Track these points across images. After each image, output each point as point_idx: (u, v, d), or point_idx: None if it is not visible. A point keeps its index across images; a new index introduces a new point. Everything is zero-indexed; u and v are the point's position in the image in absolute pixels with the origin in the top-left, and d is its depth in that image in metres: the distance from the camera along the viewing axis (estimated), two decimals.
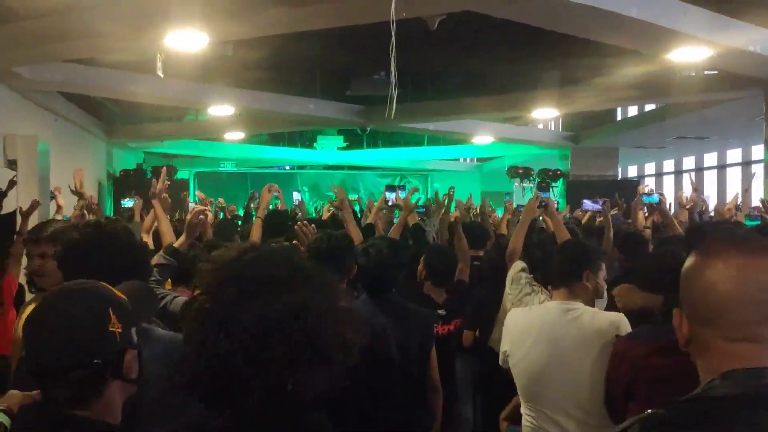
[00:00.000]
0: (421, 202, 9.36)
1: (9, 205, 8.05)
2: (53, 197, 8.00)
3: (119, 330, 1.85)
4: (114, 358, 1.85)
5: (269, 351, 1.51)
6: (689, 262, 1.65)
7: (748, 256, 1.58)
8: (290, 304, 1.54)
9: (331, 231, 4.09)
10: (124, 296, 1.98)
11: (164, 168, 5.75)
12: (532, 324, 3.64)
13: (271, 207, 6.72)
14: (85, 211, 7.07)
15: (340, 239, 3.78)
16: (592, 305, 3.72)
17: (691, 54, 8.40)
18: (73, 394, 1.83)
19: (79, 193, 6.53)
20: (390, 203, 9.53)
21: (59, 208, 7.64)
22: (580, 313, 3.57)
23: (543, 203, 5.55)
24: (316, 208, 17.30)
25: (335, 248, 3.67)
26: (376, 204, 8.32)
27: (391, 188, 10.67)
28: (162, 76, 8.65)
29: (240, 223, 9.60)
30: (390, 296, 3.92)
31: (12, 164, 9.28)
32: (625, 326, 3.46)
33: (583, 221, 8.85)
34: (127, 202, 12.01)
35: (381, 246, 3.96)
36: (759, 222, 7.69)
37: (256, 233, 5.31)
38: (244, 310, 1.52)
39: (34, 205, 6.48)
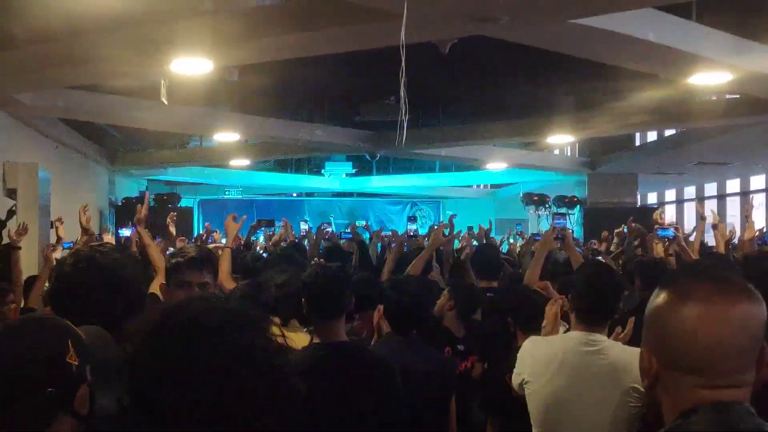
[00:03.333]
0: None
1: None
2: (54, 227, 8.03)
3: (75, 362, 1.88)
4: (67, 390, 1.87)
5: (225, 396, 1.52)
6: (662, 302, 1.59)
7: (732, 301, 1.54)
8: (236, 347, 1.54)
9: (324, 263, 4.08)
10: (78, 332, 2.00)
11: (146, 193, 5.79)
12: (555, 353, 3.62)
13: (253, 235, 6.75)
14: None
15: (335, 272, 3.74)
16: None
17: (711, 78, 8.42)
18: (20, 423, 1.83)
19: (85, 229, 6.56)
20: (412, 234, 9.61)
21: (59, 239, 7.67)
22: (605, 346, 3.55)
23: (560, 235, 5.56)
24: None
25: (330, 281, 3.62)
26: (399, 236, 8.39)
27: (413, 219, 10.75)
28: (166, 102, 8.72)
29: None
30: (414, 336, 3.95)
31: (12, 193, 9.34)
32: None
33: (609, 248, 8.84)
34: (124, 231, 12.08)
35: (414, 283, 4.01)
36: None
37: (225, 264, 5.19)
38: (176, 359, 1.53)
39: (22, 233, 6.48)
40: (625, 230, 9.11)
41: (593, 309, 3.66)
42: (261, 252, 8.96)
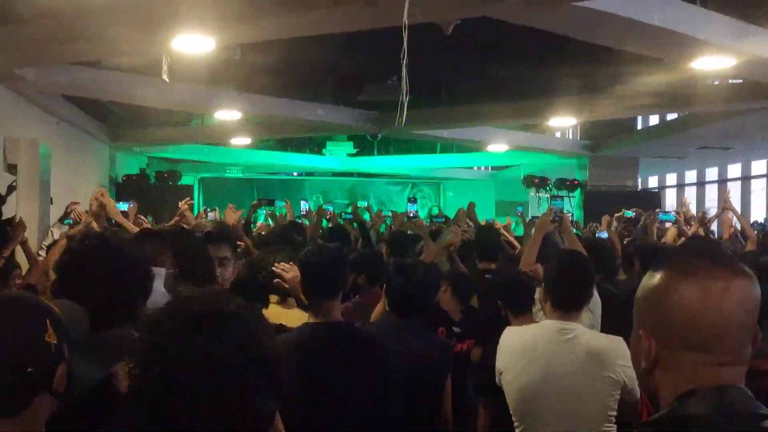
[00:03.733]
0: (434, 212, 9.44)
1: (9, 211, 8.12)
2: (69, 211, 7.99)
3: (54, 341, 1.89)
4: (47, 369, 1.88)
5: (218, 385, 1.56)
6: (659, 281, 1.61)
7: (731, 276, 1.57)
8: (234, 337, 1.59)
9: (322, 243, 4.10)
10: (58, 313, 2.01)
11: (103, 189, 5.84)
12: (527, 343, 3.65)
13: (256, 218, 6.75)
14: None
15: (332, 252, 3.75)
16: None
17: (714, 62, 8.42)
18: (1, 403, 1.84)
19: (96, 214, 6.56)
20: (412, 215, 9.63)
21: (74, 223, 7.54)
22: (577, 335, 3.57)
23: (557, 218, 5.57)
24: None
25: (328, 261, 3.64)
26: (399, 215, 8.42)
27: (413, 201, 10.76)
28: (168, 80, 8.71)
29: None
30: (415, 320, 3.98)
31: (12, 169, 9.34)
32: (624, 350, 3.43)
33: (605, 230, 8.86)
34: (122, 206, 12.07)
35: (420, 268, 4.03)
36: None
37: None
38: (181, 345, 1.58)
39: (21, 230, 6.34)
40: (627, 214, 9.12)
41: (566, 296, 3.70)
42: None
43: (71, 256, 2.72)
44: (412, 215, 9.76)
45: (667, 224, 8.41)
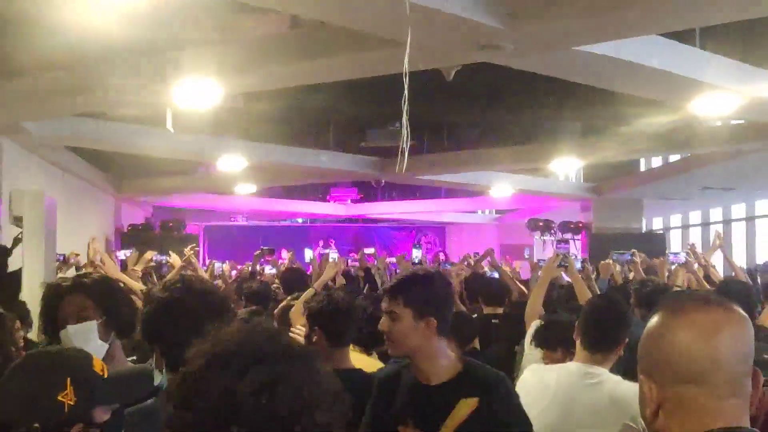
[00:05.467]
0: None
1: (14, 264, 8.13)
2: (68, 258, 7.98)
3: (71, 402, 1.88)
4: (55, 428, 1.87)
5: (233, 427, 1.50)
6: (656, 323, 1.64)
7: (722, 313, 1.60)
8: (261, 376, 1.53)
9: (331, 293, 4.10)
10: (100, 371, 2.00)
11: (94, 238, 5.91)
12: (550, 384, 3.61)
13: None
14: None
15: (341, 302, 3.76)
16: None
17: (715, 104, 8.43)
18: None
19: (91, 261, 6.59)
20: (417, 260, 9.65)
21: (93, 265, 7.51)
22: (602, 381, 3.53)
23: (564, 262, 5.55)
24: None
25: (336, 312, 3.65)
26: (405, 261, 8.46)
27: (417, 246, 10.82)
28: (172, 130, 8.76)
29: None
30: None
31: (17, 221, 9.34)
32: None
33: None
34: (120, 254, 12.12)
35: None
36: None
37: None
38: (210, 383, 1.52)
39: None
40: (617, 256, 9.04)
41: (596, 340, 3.66)
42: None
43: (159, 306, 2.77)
44: (416, 261, 9.80)
45: (673, 266, 8.39)
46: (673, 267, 8.48)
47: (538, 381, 3.67)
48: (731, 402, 1.55)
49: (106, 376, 2.01)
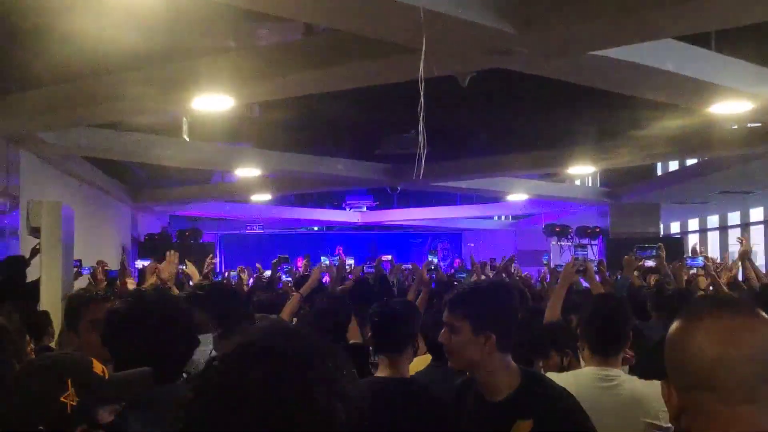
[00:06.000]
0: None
1: (33, 274, 8.17)
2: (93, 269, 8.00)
3: (73, 402, 1.91)
4: (60, 428, 1.90)
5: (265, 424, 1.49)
6: (674, 328, 1.65)
7: (737, 317, 1.60)
8: (298, 378, 1.51)
9: (390, 300, 4.12)
10: (101, 373, 2.04)
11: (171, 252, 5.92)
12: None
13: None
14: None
15: (398, 308, 3.79)
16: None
17: (732, 107, 8.40)
18: None
19: (100, 280, 6.65)
20: (432, 267, 9.66)
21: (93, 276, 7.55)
22: (620, 382, 3.51)
23: (581, 267, 5.53)
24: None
25: (393, 317, 3.66)
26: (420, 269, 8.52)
27: (433, 253, 10.85)
28: (188, 139, 8.80)
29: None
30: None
31: (36, 231, 9.40)
32: None
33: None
34: (138, 264, 12.18)
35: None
36: None
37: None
38: (248, 376, 1.51)
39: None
40: (643, 254, 8.98)
41: (605, 341, 3.65)
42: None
43: (116, 316, 2.75)
44: (432, 266, 9.80)
45: (692, 270, 8.34)
46: (691, 272, 8.44)
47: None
48: (746, 408, 1.54)
49: (106, 377, 2.05)
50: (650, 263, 9.07)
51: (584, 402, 3.42)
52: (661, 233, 19.94)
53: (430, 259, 10.17)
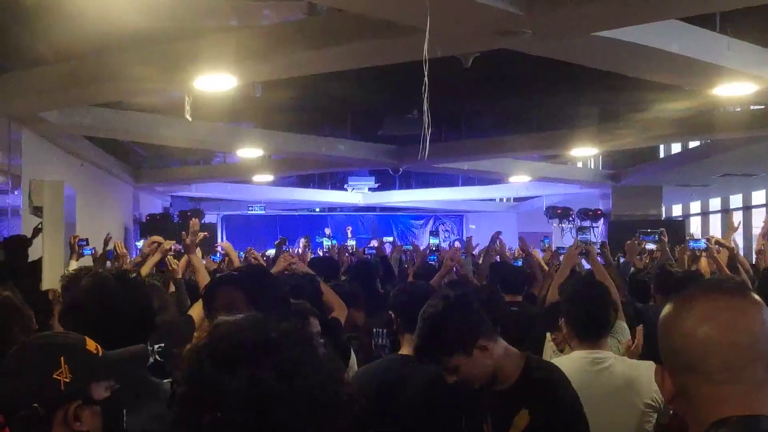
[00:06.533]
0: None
1: (35, 253, 8.18)
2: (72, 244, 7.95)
3: (66, 379, 1.94)
4: (54, 406, 1.93)
5: (267, 418, 1.51)
6: (666, 311, 1.66)
7: (725, 299, 1.61)
8: (280, 364, 1.53)
9: (410, 282, 4.16)
10: (94, 350, 2.07)
11: (193, 220, 5.88)
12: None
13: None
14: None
15: (420, 292, 3.83)
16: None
17: (735, 89, 8.37)
18: None
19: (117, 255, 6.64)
20: (434, 248, 9.68)
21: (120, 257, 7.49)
22: (611, 363, 3.52)
23: (584, 250, 5.53)
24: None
25: (419, 299, 3.71)
26: (421, 250, 8.52)
27: (434, 234, 10.83)
28: (190, 119, 8.78)
29: None
30: None
31: (38, 211, 9.41)
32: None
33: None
34: (139, 243, 12.15)
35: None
36: None
37: None
38: (225, 381, 1.51)
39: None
40: (646, 238, 8.98)
41: (588, 325, 3.67)
42: None
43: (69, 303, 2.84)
44: (434, 248, 9.82)
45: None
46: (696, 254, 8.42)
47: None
48: (735, 388, 1.54)
49: (100, 354, 2.08)
50: (651, 246, 9.05)
51: (577, 386, 3.44)
52: (663, 216, 19.92)
53: (432, 240, 10.15)
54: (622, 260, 9.20)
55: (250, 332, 1.60)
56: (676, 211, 24.45)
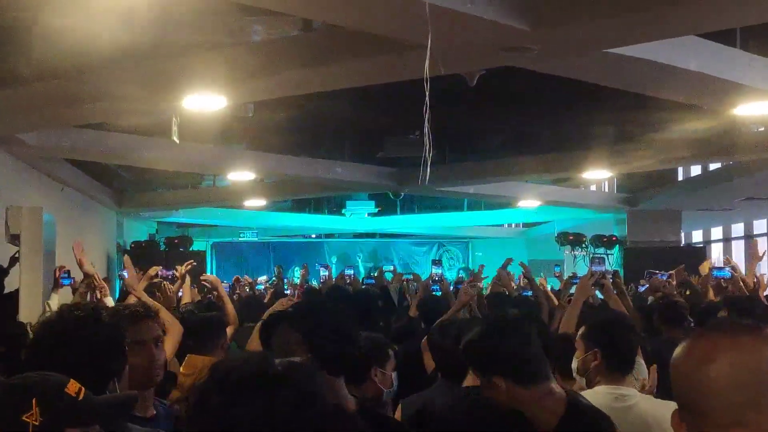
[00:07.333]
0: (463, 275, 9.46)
1: (12, 284, 8.18)
2: (58, 277, 7.98)
3: (36, 422, 1.96)
4: None
5: None
6: (676, 351, 1.69)
7: (733, 338, 1.63)
8: (287, 396, 1.62)
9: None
10: (74, 393, 2.09)
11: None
12: None
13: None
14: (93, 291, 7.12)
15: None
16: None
17: (757, 108, 8.39)
18: None
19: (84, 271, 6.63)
20: (437, 278, 9.66)
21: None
22: (637, 402, 3.52)
23: (599, 281, 5.52)
24: (369, 272, 17.32)
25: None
26: (423, 280, 8.52)
27: (437, 263, 10.79)
28: (177, 141, 8.80)
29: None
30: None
31: (15, 239, 9.39)
32: None
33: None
34: (126, 273, 12.10)
35: (467, 325, 4.05)
36: None
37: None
38: (231, 412, 1.60)
39: None
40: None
41: (622, 359, 3.69)
42: None
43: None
44: (436, 278, 9.79)
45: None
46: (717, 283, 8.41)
47: None
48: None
49: (81, 398, 2.08)
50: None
51: None
52: (683, 242, 19.91)
53: (434, 270, 10.14)
54: (641, 289, 9.17)
55: (255, 365, 1.69)
56: (696, 237, 24.44)
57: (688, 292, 8.40)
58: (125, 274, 6.70)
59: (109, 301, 6.45)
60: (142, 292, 5.73)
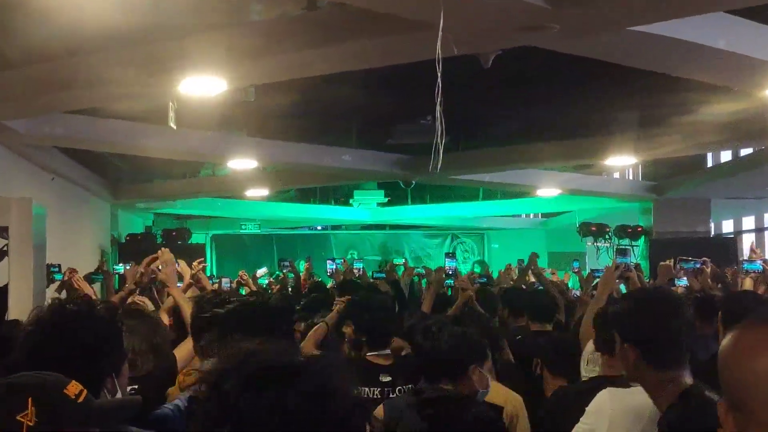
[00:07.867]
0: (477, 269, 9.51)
1: (0, 278, 8.21)
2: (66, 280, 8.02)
3: (30, 423, 2.01)
4: None
5: None
6: (723, 342, 1.68)
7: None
8: (307, 388, 1.65)
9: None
10: (74, 395, 2.13)
11: (162, 249, 5.95)
12: (643, 408, 3.36)
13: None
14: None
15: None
16: None
17: None
18: None
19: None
20: (450, 272, 9.69)
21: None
22: None
23: (624, 274, 5.51)
24: (379, 265, 17.32)
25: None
26: (434, 274, 8.57)
27: (451, 256, 10.82)
28: (174, 127, 8.81)
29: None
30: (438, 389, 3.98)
31: (3, 232, 9.43)
32: None
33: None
34: (120, 267, 12.15)
35: (449, 327, 4.06)
36: None
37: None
38: (249, 401, 1.64)
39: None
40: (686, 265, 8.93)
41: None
42: None
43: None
44: (450, 272, 9.82)
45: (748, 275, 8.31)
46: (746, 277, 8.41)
47: (627, 405, 3.56)
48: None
49: (81, 400, 2.13)
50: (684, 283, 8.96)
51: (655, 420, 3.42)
52: (712, 233, 19.87)
53: (448, 263, 10.17)
54: (678, 283, 9.15)
55: (276, 355, 1.75)
56: (727, 227, 24.37)
57: (719, 285, 8.41)
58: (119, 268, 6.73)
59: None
60: (180, 294, 5.70)
